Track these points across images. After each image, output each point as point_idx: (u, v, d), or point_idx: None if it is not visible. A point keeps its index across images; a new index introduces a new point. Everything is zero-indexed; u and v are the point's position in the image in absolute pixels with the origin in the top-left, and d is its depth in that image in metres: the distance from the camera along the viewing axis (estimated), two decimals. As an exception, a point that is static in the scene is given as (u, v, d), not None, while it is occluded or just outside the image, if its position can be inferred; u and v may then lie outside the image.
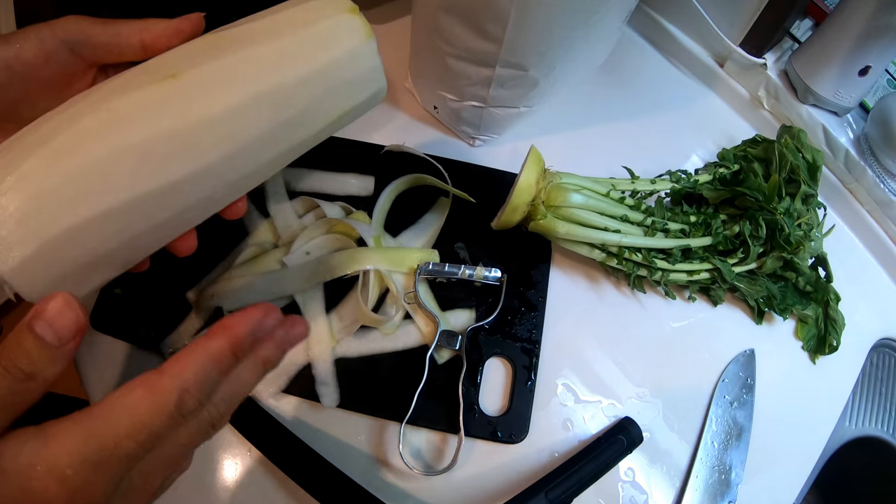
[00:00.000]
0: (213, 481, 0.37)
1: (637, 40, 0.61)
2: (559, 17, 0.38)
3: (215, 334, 0.23)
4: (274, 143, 0.30)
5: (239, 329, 0.24)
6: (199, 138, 0.26)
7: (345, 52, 0.30)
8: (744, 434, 0.42)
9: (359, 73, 0.31)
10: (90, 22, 0.25)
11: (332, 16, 0.30)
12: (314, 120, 0.31)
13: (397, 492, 0.38)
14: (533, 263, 0.46)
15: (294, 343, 0.27)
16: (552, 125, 0.53)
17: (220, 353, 0.23)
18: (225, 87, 0.27)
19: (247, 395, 0.26)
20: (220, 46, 0.28)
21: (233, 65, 0.27)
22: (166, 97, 0.26)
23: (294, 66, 0.29)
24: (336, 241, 0.43)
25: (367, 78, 0.32)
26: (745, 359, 0.45)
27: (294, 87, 0.29)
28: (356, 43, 0.31)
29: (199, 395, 0.23)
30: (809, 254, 0.45)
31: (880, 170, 0.50)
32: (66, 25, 0.25)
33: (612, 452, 0.38)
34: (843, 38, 0.47)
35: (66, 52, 0.25)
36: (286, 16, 0.30)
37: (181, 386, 0.22)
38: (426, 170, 0.47)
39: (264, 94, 0.28)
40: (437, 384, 0.40)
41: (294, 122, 0.30)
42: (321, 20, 0.30)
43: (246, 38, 0.28)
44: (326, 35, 0.30)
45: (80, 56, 0.26)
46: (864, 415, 0.48)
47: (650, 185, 0.45)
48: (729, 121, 0.58)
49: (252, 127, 0.28)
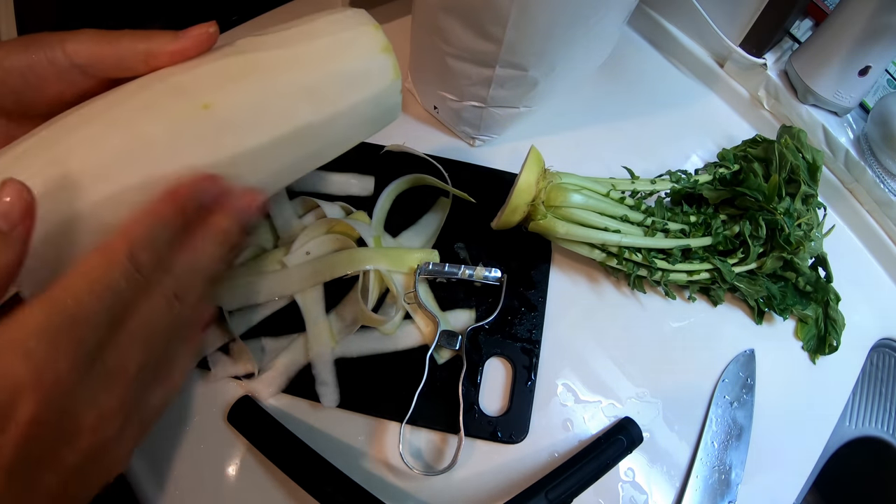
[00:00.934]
0: (214, 481, 0.37)
1: (637, 40, 0.61)
2: (559, 17, 0.38)
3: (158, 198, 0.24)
4: (293, 173, 0.31)
5: (181, 189, 0.24)
6: (225, 171, 0.27)
7: (374, 93, 0.31)
8: (744, 434, 0.42)
9: (383, 111, 0.33)
10: (97, 41, 0.25)
11: (366, 55, 0.30)
12: (333, 152, 0.32)
13: (397, 492, 0.38)
14: (533, 263, 0.46)
15: (247, 211, 0.27)
16: (552, 125, 0.53)
17: (162, 210, 0.24)
18: (257, 123, 0.27)
19: (209, 267, 0.26)
20: (249, 71, 0.27)
21: (264, 100, 0.27)
22: (200, 130, 0.26)
23: (324, 107, 0.29)
24: (336, 241, 0.43)
25: (388, 114, 0.33)
26: (745, 359, 0.45)
27: (321, 127, 0.30)
28: (385, 85, 0.31)
29: (150, 249, 0.23)
30: (809, 254, 0.45)
31: (880, 170, 0.50)
32: (76, 47, 0.25)
33: (612, 452, 0.38)
34: (843, 38, 0.47)
35: (77, 72, 0.26)
36: (319, 47, 0.29)
37: (129, 241, 0.23)
38: (426, 170, 0.47)
39: (293, 133, 0.29)
40: (437, 384, 0.40)
41: (315, 155, 0.31)
42: (354, 58, 0.30)
43: (278, 67, 0.28)
44: (358, 75, 0.30)
45: (91, 75, 0.26)
46: (864, 415, 0.48)
47: (650, 185, 0.45)
48: (729, 121, 0.58)
49: (276, 162, 0.29)
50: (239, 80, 0.27)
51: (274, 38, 0.29)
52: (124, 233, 0.23)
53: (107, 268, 0.22)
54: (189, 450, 0.38)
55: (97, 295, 0.21)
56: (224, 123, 0.27)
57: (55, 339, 0.21)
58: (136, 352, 0.24)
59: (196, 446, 0.38)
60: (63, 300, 0.21)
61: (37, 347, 0.20)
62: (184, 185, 0.25)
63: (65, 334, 0.21)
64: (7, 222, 0.21)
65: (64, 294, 0.21)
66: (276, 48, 0.29)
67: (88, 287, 0.21)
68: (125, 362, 0.23)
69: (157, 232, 0.24)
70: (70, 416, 0.22)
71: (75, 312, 0.21)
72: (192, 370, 0.39)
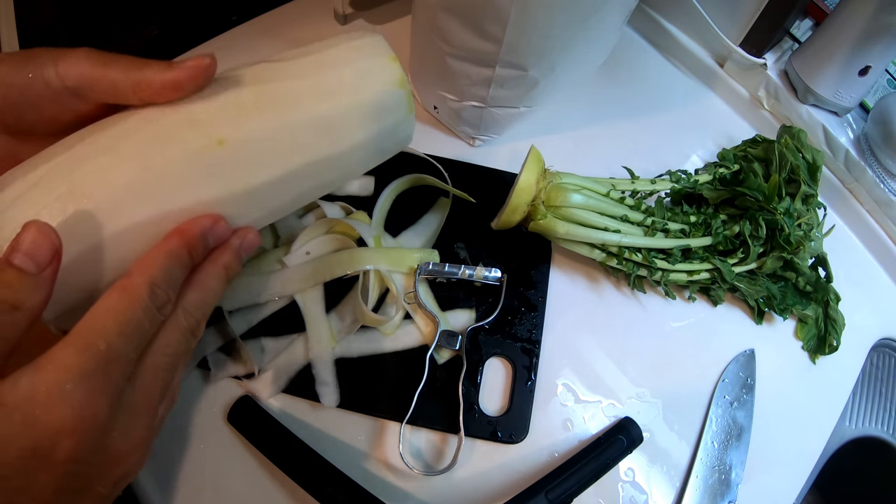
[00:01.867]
0: (214, 481, 0.37)
1: (637, 40, 0.61)
2: (559, 17, 0.38)
3: (170, 236, 0.25)
4: (302, 202, 0.31)
5: (190, 229, 0.26)
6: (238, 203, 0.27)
7: (388, 127, 0.31)
8: (744, 434, 0.42)
9: (395, 143, 0.33)
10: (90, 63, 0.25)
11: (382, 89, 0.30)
12: (342, 181, 0.33)
13: (397, 492, 0.38)
14: (533, 263, 0.46)
15: (248, 250, 0.29)
16: (552, 125, 0.53)
17: (176, 249, 0.25)
18: (271, 159, 0.27)
19: (215, 301, 0.28)
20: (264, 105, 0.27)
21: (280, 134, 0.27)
22: (214, 166, 0.26)
23: (340, 141, 0.29)
24: (336, 241, 0.43)
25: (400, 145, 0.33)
26: (745, 359, 0.45)
27: (335, 160, 0.30)
28: (401, 118, 0.31)
29: (167, 288, 0.25)
30: (809, 254, 0.45)
31: (880, 170, 0.50)
32: (67, 69, 0.25)
33: (612, 452, 0.38)
34: (843, 38, 0.47)
35: (70, 95, 0.26)
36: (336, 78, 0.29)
37: (149, 280, 0.24)
38: (426, 170, 0.47)
39: (307, 166, 0.29)
40: (437, 384, 0.40)
41: (325, 186, 0.32)
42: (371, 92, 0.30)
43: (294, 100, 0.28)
44: (375, 108, 0.30)
45: (84, 98, 0.26)
46: (864, 415, 0.48)
47: (650, 185, 0.45)
48: (729, 121, 0.58)
49: (287, 194, 0.29)
50: (254, 115, 0.27)
51: (291, 67, 0.29)
52: (143, 271, 0.24)
53: (132, 308, 0.23)
54: (189, 450, 0.38)
55: (126, 335, 0.23)
56: (238, 159, 0.27)
57: (92, 382, 0.22)
58: (158, 382, 0.25)
59: (196, 446, 0.38)
60: (95, 343, 0.22)
61: (75, 390, 0.21)
62: (195, 225, 0.26)
63: (100, 376, 0.22)
64: (37, 265, 0.22)
65: (95, 336, 0.22)
66: (293, 79, 0.28)
67: (118, 329, 0.23)
68: (150, 393, 0.25)
69: (173, 270, 0.25)
70: (105, 450, 0.23)
71: (108, 354, 0.22)
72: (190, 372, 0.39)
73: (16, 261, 0.22)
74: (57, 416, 0.21)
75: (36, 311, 0.22)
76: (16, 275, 0.22)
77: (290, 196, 0.30)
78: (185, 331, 0.26)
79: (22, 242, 0.22)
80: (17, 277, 0.22)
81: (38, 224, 0.22)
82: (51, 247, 0.22)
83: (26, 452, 0.21)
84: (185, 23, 0.33)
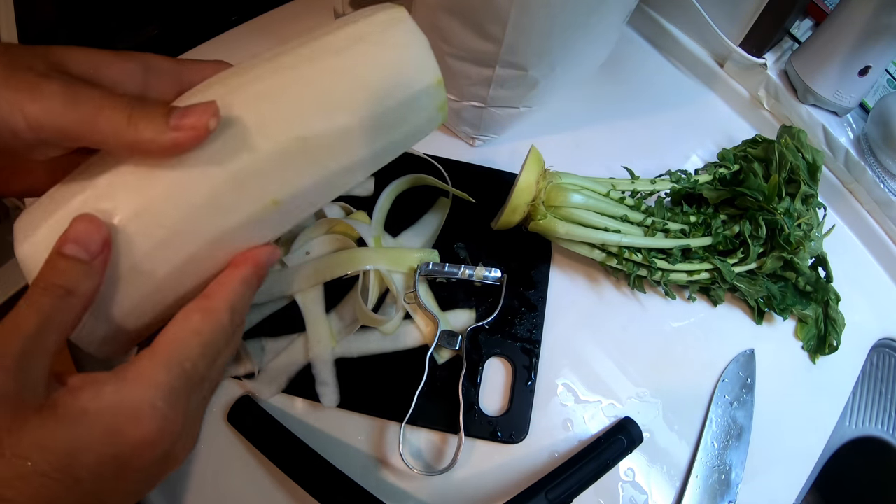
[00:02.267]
0: (214, 481, 0.37)
1: (637, 40, 0.61)
2: (559, 17, 0.38)
3: (242, 263, 0.27)
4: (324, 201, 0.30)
5: (259, 258, 0.27)
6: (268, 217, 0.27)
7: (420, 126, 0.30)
8: (744, 434, 0.42)
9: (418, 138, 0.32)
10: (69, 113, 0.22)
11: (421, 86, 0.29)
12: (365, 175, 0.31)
13: (397, 492, 0.38)
14: (533, 263, 0.46)
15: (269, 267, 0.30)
16: (552, 125, 0.53)
17: (249, 277, 0.27)
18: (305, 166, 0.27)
19: None
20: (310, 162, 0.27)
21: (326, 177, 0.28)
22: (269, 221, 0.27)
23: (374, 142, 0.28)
24: (336, 241, 0.43)
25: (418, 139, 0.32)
26: (745, 359, 0.45)
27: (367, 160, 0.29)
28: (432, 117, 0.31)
29: (242, 313, 0.26)
30: (809, 254, 0.45)
31: (880, 170, 0.50)
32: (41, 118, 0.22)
33: (612, 452, 0.38)
34: (843, 38, 0.47)
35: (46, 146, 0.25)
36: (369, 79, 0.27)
37: (229, 305, 0.25)
38: (426, 170, 0.47)
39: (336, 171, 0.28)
40: (437, 384, 0.40)
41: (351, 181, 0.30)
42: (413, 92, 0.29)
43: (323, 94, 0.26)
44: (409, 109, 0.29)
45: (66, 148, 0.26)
46: (864, 415, 0.48)
47: (650, 185, 0.45)
48: (729, 121, 0.58)
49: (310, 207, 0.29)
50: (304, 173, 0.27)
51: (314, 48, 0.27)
52: (224, 296, 0.25)
53: (214, 331, 0.24)
54: (189, 450, 0.38)
55: (207, 357, 0.24)
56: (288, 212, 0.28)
57: (177, 398, 0.23)
58: (211, 393, 0.27)
59: (196, 446, 0.38)
60: (182, 362, 0.23)
61: (163, 406, 0.22)
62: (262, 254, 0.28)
63: (183, 393, 0.23)
64: (88, 253, 0.23)
65: (181, 356, 0.23)
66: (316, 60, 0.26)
67: (202, 350, 0.24)
68: (204, 405, 0.27)
69: (246, 297, 0.27)
70: (171, 458, 0.24)
71: (192, 374, 0.24)
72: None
73: (67, 250, 0.22)
74: (144, 429, 0.22)
75: (88, 298, 0.23)
76: (69, 263, 0.23)
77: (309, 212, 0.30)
78: (234, 349, 0.28)
79: (72, 233, 0.23)
80: (70, 265, 0.23)
81: (88, 216, 0.23)
82: (101, 237, 0.23)
83: (106, 459, 0.21)
84: (185, 22, 0.33)
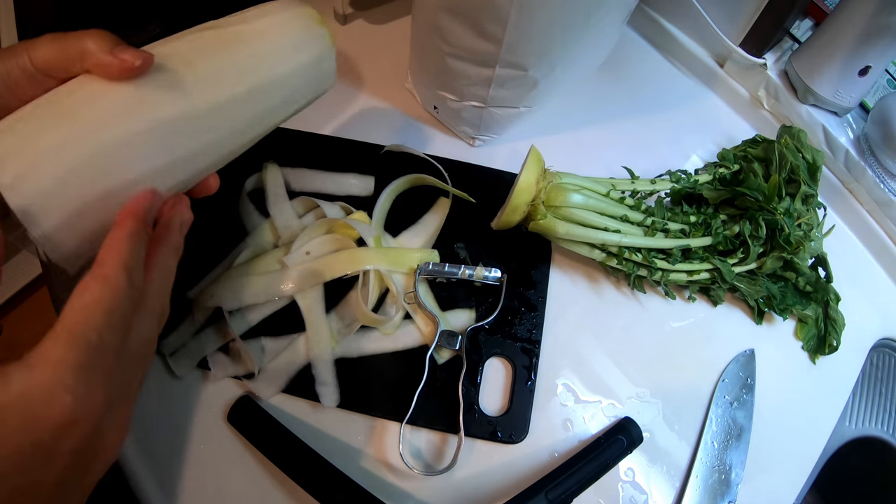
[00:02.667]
0: (214, 481, 0.37)
1: (637, 40, 0.61)
2: (559, 17, 0.38)
3: (123, 219, 0.26)
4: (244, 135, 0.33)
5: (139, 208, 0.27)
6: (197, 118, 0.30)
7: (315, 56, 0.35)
8: (744, 434, 0.42)
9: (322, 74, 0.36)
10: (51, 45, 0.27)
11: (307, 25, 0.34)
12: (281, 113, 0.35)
13: (397, 492, 0.38)
14: (533, 263, 0.46)
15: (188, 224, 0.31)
16: (552, 125, 0.53)
17: (135, 231, 0.26)
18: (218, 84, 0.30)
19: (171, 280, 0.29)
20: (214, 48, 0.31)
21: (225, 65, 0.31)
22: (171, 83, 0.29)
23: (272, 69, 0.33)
24: (336, 241, 0.43)
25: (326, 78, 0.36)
26: (745, 359, 0.45)
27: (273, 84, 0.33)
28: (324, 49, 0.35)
29: (138, 270, 0.26)
30: (809, 254, 0.45)
31: (880, 170, 0.50)
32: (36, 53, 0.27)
33: (612, 452, 0.38)
34: (843, 38, 0.47)
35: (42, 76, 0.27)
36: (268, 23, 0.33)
37: (123, 266, 0.24)
38: (426, 170, 0.47)
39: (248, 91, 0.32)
40: (437, 384, 0.40)
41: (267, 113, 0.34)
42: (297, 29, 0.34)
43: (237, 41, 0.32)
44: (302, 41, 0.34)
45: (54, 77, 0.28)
46: (864, 415, 0.48)
47: (650, 185, 0.45)
48: (729, 121, 0.58)
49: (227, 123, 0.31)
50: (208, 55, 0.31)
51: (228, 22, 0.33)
52: (115, 258, 0.24)
53: (116, 297, 0.24)
54: (189, 450, 0.38)
55: (114, 325, 0.23)
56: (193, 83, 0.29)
57: (90, 373, 0.22)
58: (139, 366, 0.26)
59: (196, 446, 0.38)
60: (87, 335, 0.22)
61: (75, 383, 0.22)
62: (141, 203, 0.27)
63: (96, 368, 0.23)
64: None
65: (86, 329, 0.22)
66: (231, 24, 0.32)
67: (107, 319, 0.23)
68: (131, 378, 0.26)
69: (138, 251, 0.26)
70: (100, 438, 0.24)
71: (100, 345, 0.23)
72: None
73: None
74: (58, 410, 0.21)
75: None
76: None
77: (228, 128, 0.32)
78: (155, 315, 0.27)
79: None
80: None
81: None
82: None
83: (26, 449, 0.21)
84: (185, 21, 0.34)
